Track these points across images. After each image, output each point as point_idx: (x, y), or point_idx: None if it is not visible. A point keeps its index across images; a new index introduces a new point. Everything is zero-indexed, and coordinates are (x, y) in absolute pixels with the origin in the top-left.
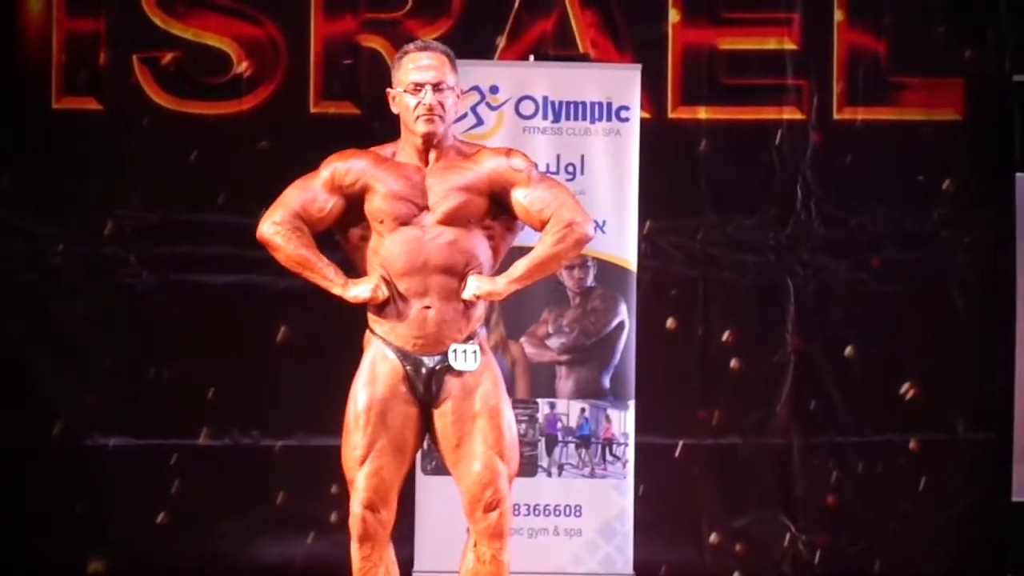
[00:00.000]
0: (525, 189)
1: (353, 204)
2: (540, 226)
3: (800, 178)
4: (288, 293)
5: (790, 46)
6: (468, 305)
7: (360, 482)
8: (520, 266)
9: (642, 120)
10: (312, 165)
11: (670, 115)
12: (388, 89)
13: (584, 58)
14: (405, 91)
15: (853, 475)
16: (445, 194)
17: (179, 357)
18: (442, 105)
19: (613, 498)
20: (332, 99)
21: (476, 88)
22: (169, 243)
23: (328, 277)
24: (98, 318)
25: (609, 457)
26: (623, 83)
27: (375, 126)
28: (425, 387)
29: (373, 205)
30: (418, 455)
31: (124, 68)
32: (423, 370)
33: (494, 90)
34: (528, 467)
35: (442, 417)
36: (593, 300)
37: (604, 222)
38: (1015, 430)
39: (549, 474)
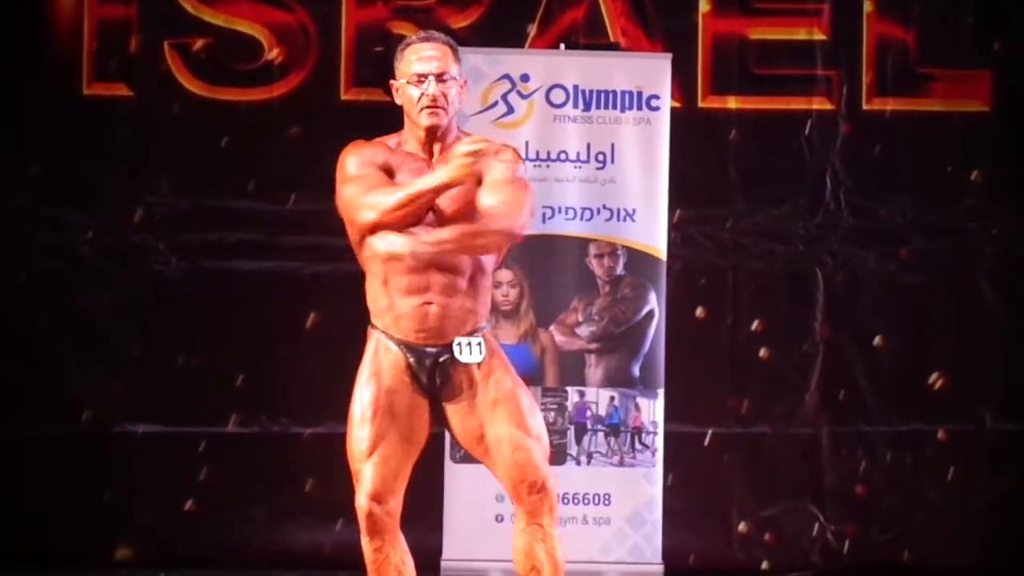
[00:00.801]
0: (496, 179)
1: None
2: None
3: (829, 168)
4: (317, 280)
5: (819, 36)
6: (469, 295)
7: (366, 473)
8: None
9: (672, 109)
10: None
11: (700, 104)
12: (391, 81)
13: (615, 47)
14: (408, 82)
15: (882, 465)
16: (452, 201)
17: (208, 344)
18: (445, 96)
19: (642, 487)
20: (363, 86)
21: (507, 76)
22: (198, 230)
23: (425, 182)
24: (127, 306)
25: (638, 446)
26: (653, 72)
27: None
28: (429, 378)
29: None
30: (447, 443)
31: (155, 54)
32: (426, 361)
33: (525, 78)
34: (557, 455)
35: (457, 412)
36: (623, 288)
37: (634, 211)
38: None
39: (578, 462)
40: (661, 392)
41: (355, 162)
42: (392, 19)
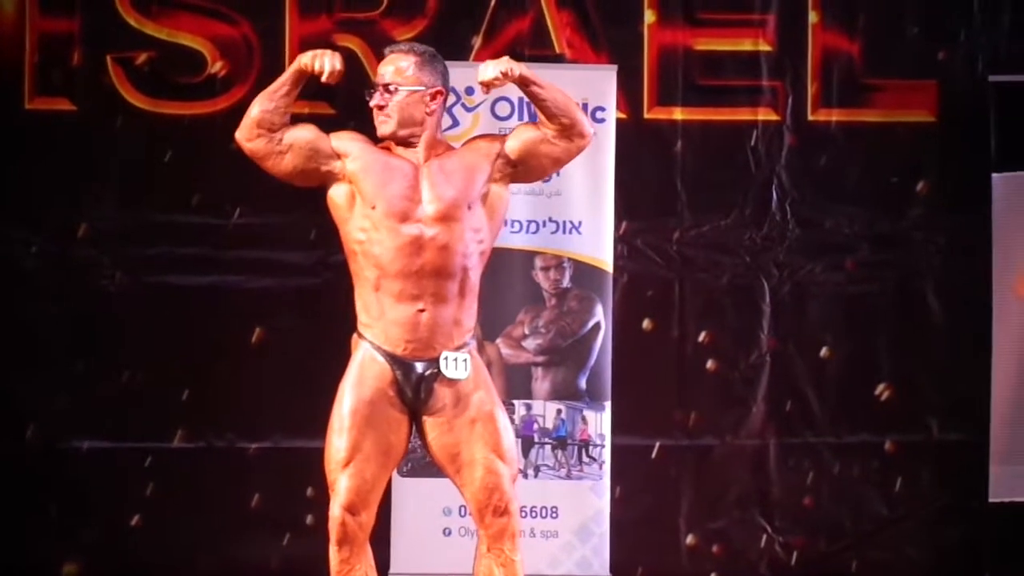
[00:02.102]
0: (517, 130)
1: (320, 167)
2: (540, 135)
3: (775, 179)
4: (263, 294)
5: (765, 47)
6: (459, 305)
7: (341, 484)
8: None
9: (618, 121)
10: None
11: (646, 116)
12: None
13: (560, 59)
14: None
15: (829, 476)
16: (439, 191)
17: (153, 359)
18: (388, 104)
19: (590, 499)
20: (307, 99)
21: (452, 90)
22: (143, 244)
23: (288, 75)
24: (71, 320)
25: (585, 458)
26: (599, 84)
27: (350, 126)
28: (414, 393)
29: (363, 183)
30: None
31: (98, 68)
32: (413, 376)
33: (469, 91)
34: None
35: (436, 427)
36: (569, 301)
37: (580, 223)
38: (992, 431)
39: (525, 475)
40: (608, 405)
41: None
42: (336, 31)
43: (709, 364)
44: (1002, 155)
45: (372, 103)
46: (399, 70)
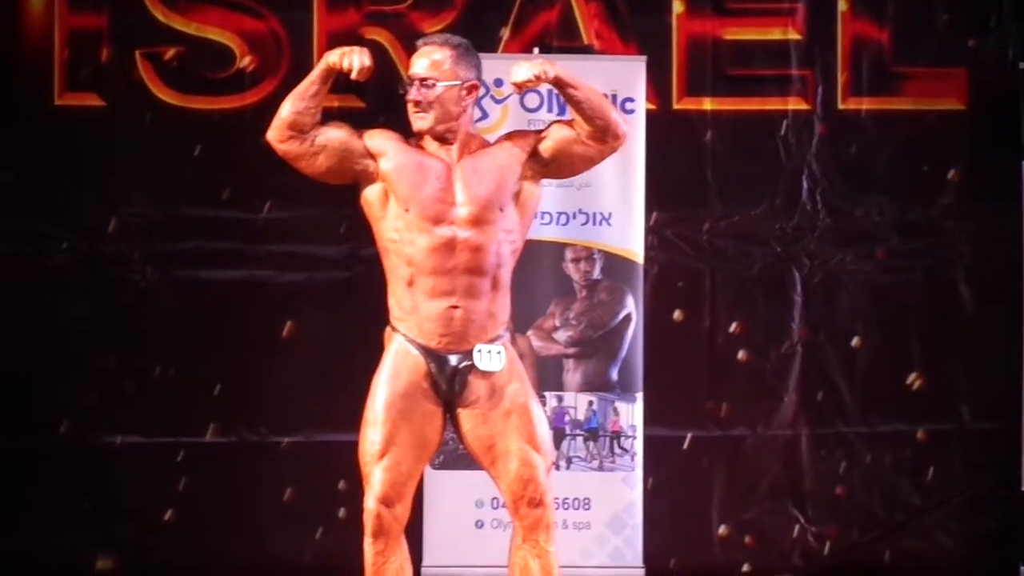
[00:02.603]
0: (551, 128)
1: (354, 166)
2: (574, 135)
3: (806, 169)
4: (294, 288)
5: (794, 36)
6: (492, 299)
7: (376, 476)
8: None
9: (647, 112)
10: None
11: (675, 106)
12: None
13: (588, 50)
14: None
15: (861, 466)
16: (476, 183)
17: (185, 354)
18: (428, 100)
19: (622, 491)
20: (336, 93)
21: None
22: (173, 239)
23: (319, 72)
24: (102, 316)
25: (617, 450)
26: (628, 75)
27: (380, 119)
28: (448, 385)
29: (397, 184)
30: None
31: (127, 64)
32: (447, 368)
33: (498, 83)
34: None
35: (471, 419)
36: (600, 293)
37: (610, 215)
38: None
39: (557, 467)
40: (640, 396)
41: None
42: (364, 25)
43: (740, 354)
44: None
45: (409, 98)
46: (435, 64)
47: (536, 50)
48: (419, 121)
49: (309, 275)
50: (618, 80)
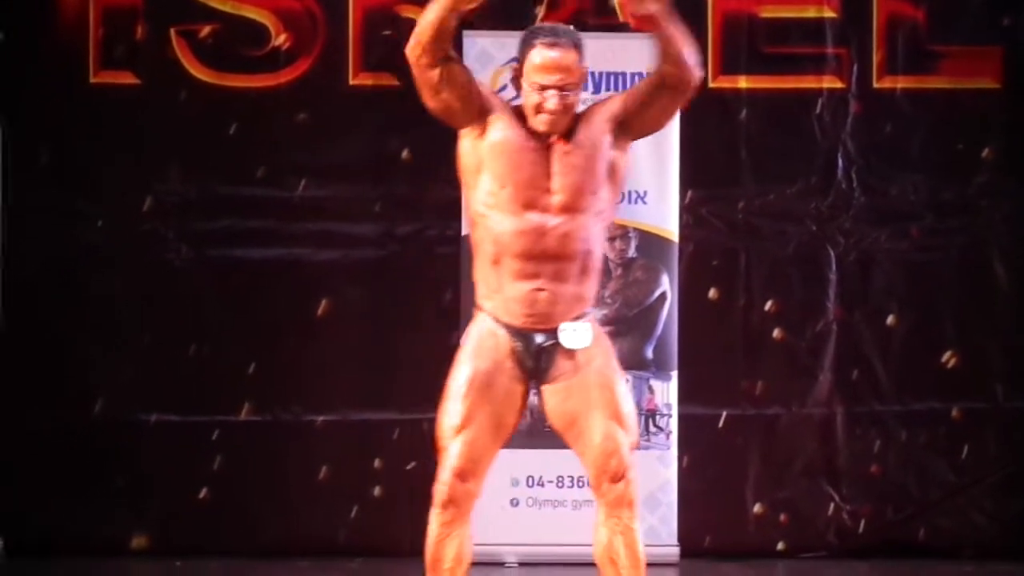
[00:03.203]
0: (632, 90)
1: (464, 116)
2: (658, 79)
3: (840, 147)
4: (329, 266)
5: (829, 14)
6: (584, 271)
7: (453, 449)
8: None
9: None
10: (352, 137)
11: (710, 85)
12: (514, 63)
13: (624, 28)
14: (529, 87)
15: (896, 444)
16: (573, 178)
17: (219, 332)
18: (565, 108)
19: (657, 469)
20: (371, 71)
21: (515, 59)
22: (208, 218)
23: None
24: (138, 294)
25: (653, 428)
26: None
27: (415, 97)
28: (534, 363)
29: (498, 156)
30: None
31: (162, 41)
32: (532, 346)
33: None
34: None
35: (555, 395)
36: (635, 271)
37: (645, 193)
38: None
39: None
40: (675, 374)
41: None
42: (400, 2)
43: (775, 333)
44: None
45: (548, 107)
46: (571, 70)
47: (572, 28)
48: (546, 127)
49: (344, 253)
50: (653, 58)
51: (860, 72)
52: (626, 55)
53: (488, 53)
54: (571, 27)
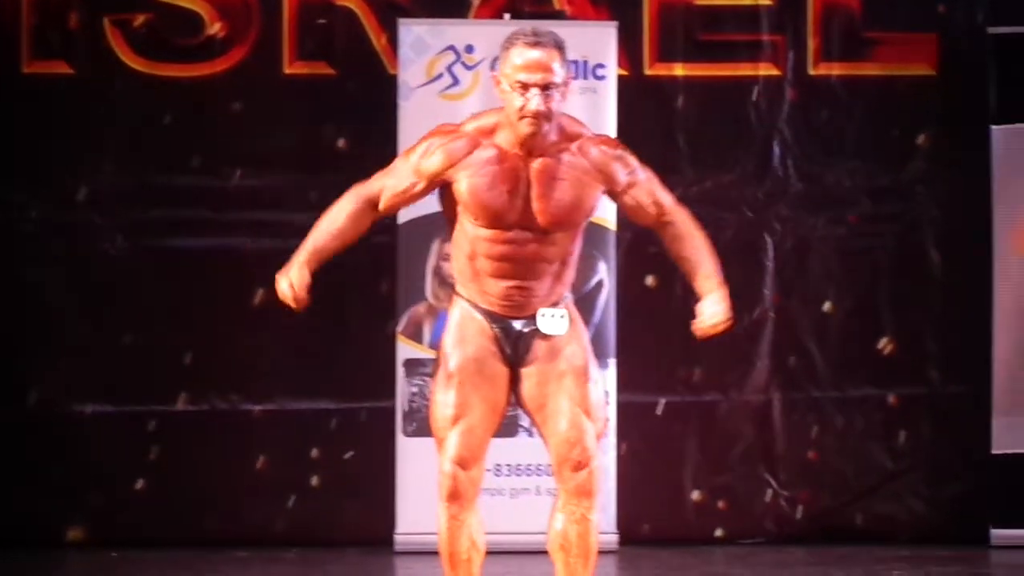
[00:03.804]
0: (635, 189)
1: (450, 196)
2: (652, 221)
3: (777, 134)
4: (265, 255)
5: (765, 2)
6: (559, 275)
7: (452, 440)
8: (715, 285)
9: (619, 78)
10: (287, 126)
11: (647, 72)
12: (493, 72)
13: (560, 16)
14: (511, 88)
15: (833, 430)
16: (550, 208)
17: (155, 323)
18: (549, 109)
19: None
20: (306, 59)
21: (451, 47)
22: (143, 208)
23: (299, 250)
24: (72, 285)
25: None
26: (599, 41)
27: (350, 86)
28: (513, 348)
29: (466, 206)
30: (399, 417)
31: (95, 31)
32: (511, 332)
33: (469, 49)
34: (508, 427)
35: (528, 378)
36: None
37: None
38: (994, 383)
39: (530, 433)
40: (612, 362)
41: (414, 157)
42: None
43: None
44: (1002, 107)
45: (531, 108)
46: (554, 70)
47: (507, 16)
48: (533, 128)
49: (280, 242)
50: (589, 46)
51: (796, 59)
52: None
53: (424, 41)
54: (553, 31)
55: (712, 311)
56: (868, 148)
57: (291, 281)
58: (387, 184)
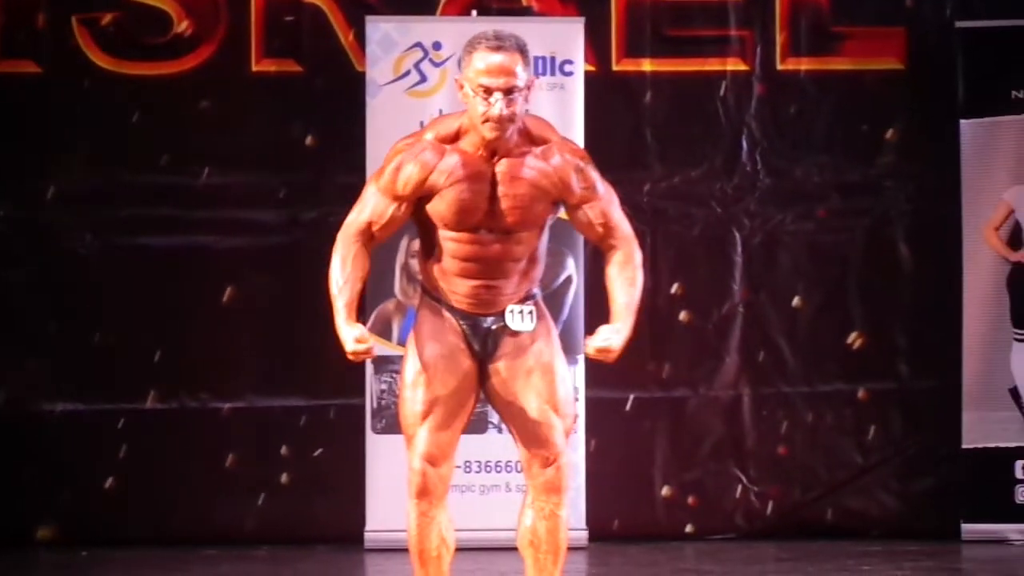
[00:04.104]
0: (590, 204)
1: (418, 202)
2: (596, 238)
3: (745, 129)
4: (234, 253)
5: None
6: (526, 273)
7: (421, 436)
8: (624, 316)
9: (586, 73)
10: (255, 124)
11: (615, 68)
12: (456, 77)
13: (527, 12)
14: (474, 93)
15: (803, 425)
16: (513, 208)
17: (124, 321)
18: (513, 112)
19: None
20: (273, 57)
21: (419, 44)
22: (112, 206)
23: (335, 309)
24: (42, 284)
25: None
26: (567, 36)
27: (317, 83)
28: (481, 345)
29: (437, 211)
30: (369, 415)
31: (63, 30)
32: (480, 329)
33: (437, 46)
34: (478, 424)
35: (497, 375)
36: None
37: None
38: (964, 377)
39: (500, 430)
40: (581, 358)
41: (385, 181)
42: None
43: (682, 316)
44: (970, 101)
45: (494, 113)
46: (516, 74)
47: (474, 13)
48: (497, 131)
49: (249, 240)
50: (556, 42)
51: (764, 54)
52: (527, 38)
53: (391, 38)
54: (515, 33)
55: (607, 336)
56: (837, 143)
57: (355, 338)
58: (372, 219)
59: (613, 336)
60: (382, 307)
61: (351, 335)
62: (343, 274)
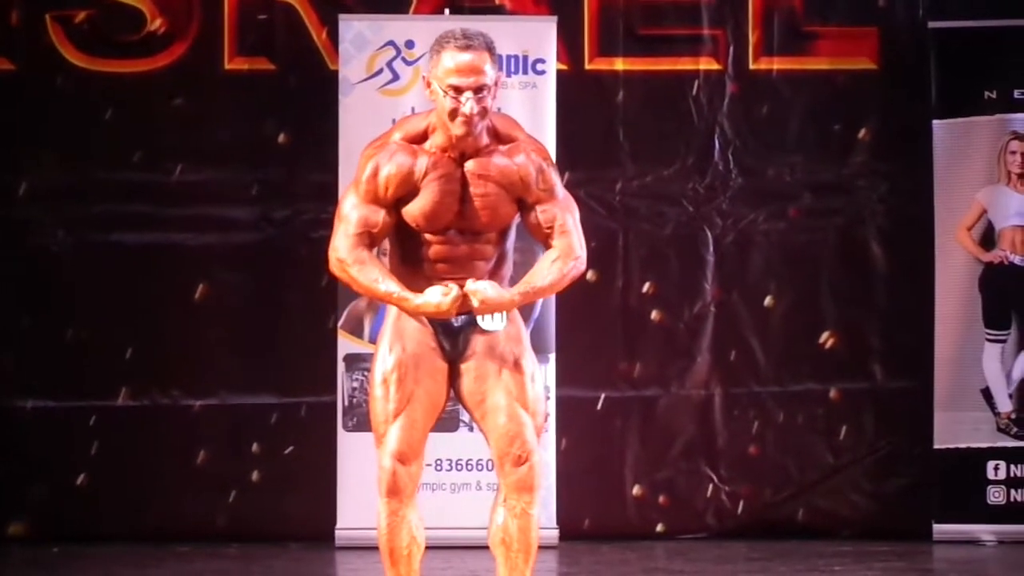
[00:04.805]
0: (545, 206)
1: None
2: (544, 240)
3: (717, 128)
4: (206, 250)
5: None
6: (495, 271)
7: (391, 435)
8: (519, 289)
9: (559, 72)
10: (227, 121)
11: (587, 67)
12: (424, 75)
13: (500, 10)
14: (443, 92)
15: (774, 425)
16: (483, 208)
17: (96, 318)
18: (483, 110)
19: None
20: (246, 55)
21: (391, 43)
22: (85, 203)
23: (395, 298)
24: (13, 280)
25: None
26: (539, 35)
27: (290, 81)
28: (452, 344)
29: (410, 213)
30: (339, 413)
31: (37, 27)
32: (451, 328)
33: (409, 45)
34: (449, 422)
35: (467, 373)
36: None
37: None
38: (936, 378)
39: (471, 428)
40: (552, 357)
41: (364, 189)
42: None
43: (654, 315)
44: (942, 102)
45: (464, 111)
46: (485, 72)
47: (447, 11)
48: (464, 130)
49: (221, 237)
50: (529, 40)
51: (736, 53)
52: (500, 37)
53: (364, 37)
54: (483, 31)
55: (487, 287)
56: (809, 142)
57: (441, 293)
58: (363, 230)
59: (492, 290)
60: (353, 305)
61: (434, 295)
62: (371, 273)
